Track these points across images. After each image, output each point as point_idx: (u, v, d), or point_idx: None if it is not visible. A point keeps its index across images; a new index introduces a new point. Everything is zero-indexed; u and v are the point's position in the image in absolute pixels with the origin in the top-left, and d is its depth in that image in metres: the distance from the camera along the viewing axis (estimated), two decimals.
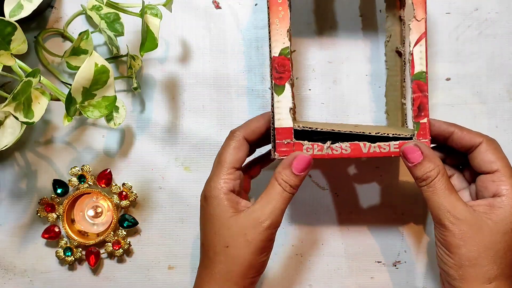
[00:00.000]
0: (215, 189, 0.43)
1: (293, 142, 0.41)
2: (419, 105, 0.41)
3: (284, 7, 0.41)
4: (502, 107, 0.55)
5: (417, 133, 0.41)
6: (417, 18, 0.41)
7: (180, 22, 0.56)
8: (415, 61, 0.41)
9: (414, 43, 0.41)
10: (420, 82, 0.41)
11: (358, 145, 0.41)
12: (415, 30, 0.41)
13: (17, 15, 0.42)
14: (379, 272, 0.55)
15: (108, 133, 0.56)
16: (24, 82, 0.40)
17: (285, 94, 0.41)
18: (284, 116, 0.41)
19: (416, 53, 0.41)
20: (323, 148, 0.41)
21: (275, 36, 0.41)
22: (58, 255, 0.54)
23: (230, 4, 0.55)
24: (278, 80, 0.41)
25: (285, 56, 0.41)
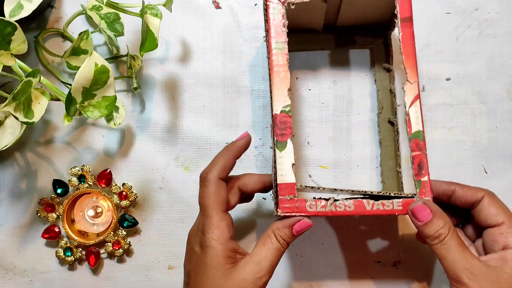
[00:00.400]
0: (212, 240, 0.42)
1: (296, 198, 0.42)
2: (419, 163, 0.42)
3: (285, 69, 0.43)
4: (502, 107, 0.55)
5: (419, 191, 0.42)
6: (410, 81, 0.43)
7: (180, 22, 0.56)
8: (411, 121, 0.43)
9: (409, 104, 0.43)
10: (418, 141, 0.42)
11: (361, 202, 0.41)
12: (409, 92, 0.43)
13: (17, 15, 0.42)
14: (379, 272, 0.55)
15: (108, 133, 0.56)
16: (24, 82, 0.40)
17: (287, 150, 0.42)
18: (287, 172, 0.42)
19: (412, 114, 0.43)
20: (327, 205, 0.42)
21: (277, 95, 0.43)
22: (58, 255, 0.54)
23: (230, 4, 0.55)
24: (280, 137, 0.43)
25: (287, 114, 0.43)
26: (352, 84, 0.55)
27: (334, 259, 0.55)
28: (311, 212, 0.41)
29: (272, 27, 0.44)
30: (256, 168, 0.55)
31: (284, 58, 0.44)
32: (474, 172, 0.55)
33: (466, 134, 0.55)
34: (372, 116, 0.55)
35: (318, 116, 0.55)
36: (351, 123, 0.55)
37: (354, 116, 0.55)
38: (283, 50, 0.44)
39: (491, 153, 0.55)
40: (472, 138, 0.55)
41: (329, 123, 0.55)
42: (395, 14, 0.44)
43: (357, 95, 0.55)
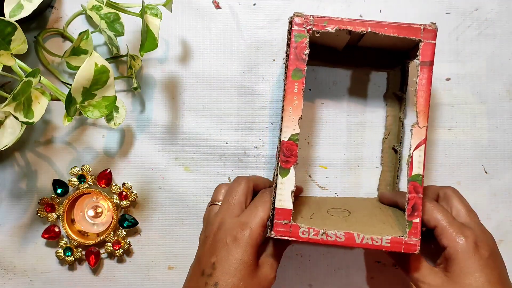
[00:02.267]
0: (252, 239, 0.43)
1: (291, 224, 0.43)
2: (413, 205, 0.43)
3: (299, 97, 0.43)
4: (502, 107, 0.55)
5: (408, 231, 0.43)
6: (419, 125, 0.43)
7: (180, 22, 0.56)
8: (413, 164, 0.43)
9: (414, 147, 0.43)
10: (416, 184, 0.43)
11: (352, 234, 0.42)
12: (416, 136, 0.43)
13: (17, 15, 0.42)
14: (379, 272, 0.55)
15: (108, 133, 0.56)
16: (24, 82, 0.40)
17: (289, 177, 0.43)
18: (286, 198, 0.43)
19: (415, 157, 0.43)
20: (319, 233, 0.43)
21: (287, 122, 0.43)
22: (58, 255, 0.54)
23: (230, 4, 0.55)
24: (285, 163, 0.43)
25: (294, 142, 0.43)
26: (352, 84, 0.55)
27: (334, 259, 0.55)
28: (303, 238, 0.43)
29: (293, 52, 0.43)
30: (256, 168, 0.55)
31: (300, 86, 0.43)
32: (474, 172, 0.55)
33: (466, 134, 0.55)
34: (372, 116, 0.55)
35: (318, 116, 0.55)
36: (351, 123, 0.55)
37: (354, 116, 0.55)
38: (300, 78, 0.43)
39: (491, 153, 0.55)
40: (472, 138, 0.55)
41: (329, 123, 0.55)
42: (417, 47, 0.44)
43: (357, 95, 0.55)
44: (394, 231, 0.44)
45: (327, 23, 0.43)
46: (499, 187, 0.55)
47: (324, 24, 0.43)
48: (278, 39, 0.55)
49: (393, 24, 0.43)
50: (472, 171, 0.55)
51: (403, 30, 0.43)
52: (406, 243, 0.43)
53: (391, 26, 0.43)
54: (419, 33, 0.43)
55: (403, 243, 0.43)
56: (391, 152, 0.54)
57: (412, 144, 0.43)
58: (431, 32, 0.43)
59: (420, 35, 0.43)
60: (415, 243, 0.42)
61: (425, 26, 0.43)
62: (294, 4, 0.55)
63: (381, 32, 0.43)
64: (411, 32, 0.43)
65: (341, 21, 0.43)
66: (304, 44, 0.43)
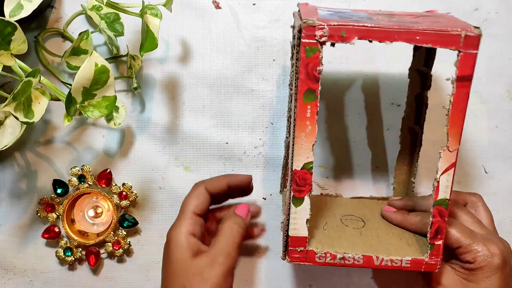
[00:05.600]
0: (174, 233, 0.44)
1: (307, 250, 0.41)
2: (437, 228, 0.40)
3: (312, 122, 0.38)
4: (502, 107, 0.55)
5: (430, 253, 0.41)
6: (449, 149, 0.38)
7: (180, 22, 0.56)
8: (440, 188, 0.39)
9: (442, 171, 0.39)
10: (442, 208, 0.40)
11: (370, 257, 0.41)
12: (445, 159, 0.39)
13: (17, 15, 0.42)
14: (379, 272, 0.55)
15: (108, 133, 0.56)
16: (24, 82, 0.40)
17: (304, 206, 0.40)
18: (300, 226, 0.40)
19: (442, 181, 0.39)
20: (336, 258, 0.41)
21: (300, 150, 0.39)
22: (58, 255, 0.54)
23: (230, 4, 0.55)
24: (298, 193, 0.40)
25: (308, 171, 0.39)
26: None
27: None
28: (320, 263, 0.41)
29: (303, 71, 0.37)
30: (256, 168, 0.55)
31: (314, 110, 0.38)
32: (474, 172, 0.55)
33: (466, 134, 0.55)
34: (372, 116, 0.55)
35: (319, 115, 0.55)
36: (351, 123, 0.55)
37: (354, 115, 0.55)
38: (314, 100, 0.38)
39: (491, 153, 0.55)
40: (472, 138, 0.55)
41: (330, 122, 0.55)
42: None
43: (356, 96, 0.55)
44: (412, 249, 0.42)
45: (345, 33, 0.36)
46: (499, 187, 0.55)
47: (342, 35, 0.36)
48: (278, 39, 0.55)
49: (426, 31, 0.36)
50: (472, 171, 0.55)
51: (440, 39, 0.36)
52: (427, 263, 0.41)
53: (424, 34, 0.36)
54: (459, 41, 0.36)
55: (424, 263, 0.41)
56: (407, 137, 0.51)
57: (440, 168, 0.39)
58: (474, 39, 0.36)
59: (459, 45, 0.36)
60: (436, 263, 0.41)
61: (466, 31, 0.36)
62: (294, 4, 0.55)
63: (412, 43, 0.36)
64: (449, 41, 0.36)
65: (363, 29, 0.36)
66: (317, 60, 0.36)
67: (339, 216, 0.48)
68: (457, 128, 0.38)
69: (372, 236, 0.45)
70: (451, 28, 0.36)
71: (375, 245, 0.43)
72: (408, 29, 0.36)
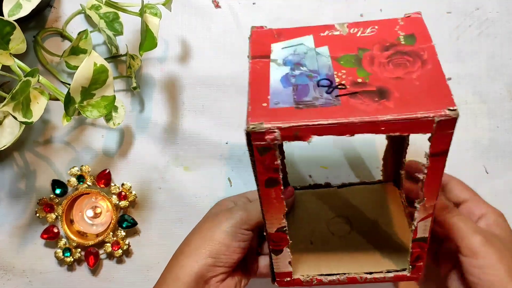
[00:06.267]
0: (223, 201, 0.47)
1: (293, 279, 0.42)
2: (417, 256, 0.41)
3: (279, 200, 0.36)
4: (503, 107, 0.54)
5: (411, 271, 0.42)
6: (426, 204, 0.37)
7: (179, 21, 0.55)
8: (418, 231, 0.38)
9: (419, 220, 0.38)
10: (422, 243, 0.40)
11: (355, 278, 0.42)
12: (422, 211, 0.37)
13: (16, 14, 0.42)
14: None
15: (107, 133, 0.55)
16: (23, 81, 0.40)
17: (284, 253, 0.40)
18: (283, 266, 0.41)
19: (420, 226, 0.38)
20: (322, 281, 0.43)
21: (271, 220, 0.37)
22: (57, 256, 0.54)
23: (230, 3, 0.55)
24: (277, 247, 0.40)
25: (283, 232, 0.38)
26: None
27: None
28: (307, 285, 0.43)
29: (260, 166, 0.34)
30: None
31: (278, 192, 0.35)
32: (475, 172, 0.55)
33: (467, 134, 0.55)
34: None
35: None
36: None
37: None
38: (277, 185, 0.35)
39: (492, 153, 0.55)
40: (472, 138, 0.55)
41: None
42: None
43: None
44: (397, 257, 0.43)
45: (299, 133, 0.31)
46: (500, 187, 0.54)
47: (296, 134, 0.31)
48: None
49: (391, 122, 0.31)
50: (473, 171, 0.55)
51: (408, 127, 0.31)
52: (409, 277, 0.42)
53: (390, 124, 0.31)
54: (431, 127, 0.31)
55: (406, 277, 0.42)
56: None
57: (417, 217, 0.37)
58: (450, 122, 0.31)
59: (432, 129, 0.31)
60: (418, 276, 0.42)
61: (439, 116, 0.30)
62: (294, 3, 0.55)
63: (378, 133, 0.31)
64: (419, 128, 0.31)
65: (319, 127, 0.31)
66: (274, 156, 0.33)
67: (326, 219, 0.49)
68: (433, 195, 0.36)
69: (358, 245, 0.46)
70: (421, 111, 0.31)
71: (361, 258, 0.44)
72: (370, 122, 0.31)
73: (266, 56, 0.37)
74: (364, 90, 0.33)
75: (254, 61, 0.37)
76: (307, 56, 0.37)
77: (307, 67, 0.36)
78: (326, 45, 0.37)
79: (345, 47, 0.37)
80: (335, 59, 0.36)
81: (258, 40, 0.39)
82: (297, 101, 0.33)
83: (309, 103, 0.32)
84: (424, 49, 0.35)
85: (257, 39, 0.39)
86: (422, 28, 0.37)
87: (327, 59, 0.36)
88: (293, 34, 0.39)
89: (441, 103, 0.31)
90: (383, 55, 0.36)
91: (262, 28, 0.40)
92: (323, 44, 0.37)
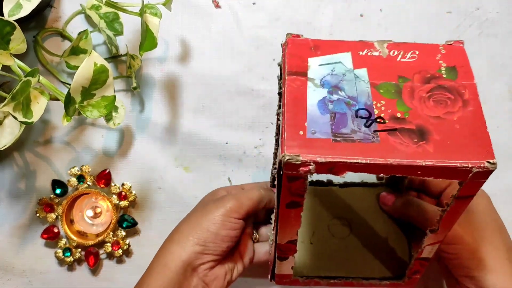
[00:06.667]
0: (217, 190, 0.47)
1: (292, 280, 0.43)
2: (416, 270, 0.42)
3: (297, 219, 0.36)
4: (503, 107, 0.54)
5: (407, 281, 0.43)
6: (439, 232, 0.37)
7: (179, 21, 0.55)
8: (424, 253, 0.39)
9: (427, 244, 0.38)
10: (423, 262, 0.40)
11: (352, 282, 0.44)
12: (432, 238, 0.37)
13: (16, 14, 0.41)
14: None
15: (107, 133, 0.55)
16: (23, 81, 0.40)
17: (289, 260, 0.41)
18: (285, 270, 0.42)
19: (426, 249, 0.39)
20: (320, 283, 0.44)
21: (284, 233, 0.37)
22: (57, 256, 0.54)
23: (230, 3, 0.55)
24: (283, 254, 0.40)
25: (292, 244, 0.39)
26: None
27: None
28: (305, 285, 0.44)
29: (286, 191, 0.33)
30: (256, 168, 0.55)
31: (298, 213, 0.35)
32: None
33: None
34: None
35: None
36: None
37: None
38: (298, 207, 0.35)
39: None
40: None
41: None
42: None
43: None
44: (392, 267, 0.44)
45: (334, 168, 0.31)
46: (500, 187, 0.54)
47: (330, 169, 0.31)
48: (278, 38, 0.55)
49: (430, 167, 0.30)
50: None
51: (444, 173, 0.31)
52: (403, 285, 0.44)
53: (427, 169, 0.30)
54: (466, 176, 0.31)
55: (400, 285, 0.44)
56: None
57: (426, 241, 0.37)
58: (485, 174, 0.31)
59: (467, 178, 0.31)
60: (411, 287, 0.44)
61: (478, 166, 0.30)
62: (294, 3, 0.55)
63: (411, 175, 0.31)
64: (455, 175, 0.31)
65: (355, 165, 0.30)
66: (302, 184, 0.33)
67: (327, 220, 0.49)
68: (449, 226, 0.36)
69: (356, 248, 0.46)
70: (460, 160, 0.30)
71: (359, 261, 0.45)
72: (408, 165, 0.30)
73: (303, 73, 0.35)
74: (404, 127, 0.32)
75: (291, 78, 0.35)
76: (345, 79, 0.35)
77: (346, 92, 0.34)
78: (365, 67, 0.36)
79: (385, 72, 0.35)
80: (375, 86, 0.35)
81: (294, 52, 0.37)
82: (335, 133, 0.32)
83: (347, 137, 0.32)
84: (466, 87, 0.35)
85: (293, 51, 0.37)
86: (464, 60, 0.36)
87: (366, 85, 0.35)
88: (331, 48, 0.37)
89: (480, 153, 0.31)
90: (424, 88, 0.34)
91: (299, 37, 0.38)
92: (362, 65, 0.36)
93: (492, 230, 0.43)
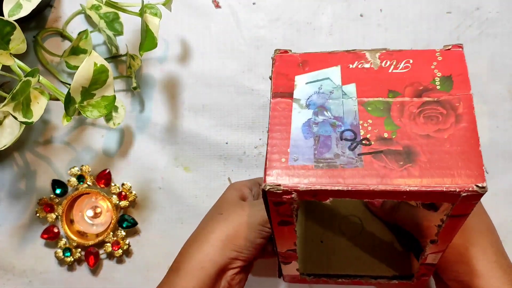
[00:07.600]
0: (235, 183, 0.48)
1: (300, 278, 0.43)
2: (424, 273, 0.41)
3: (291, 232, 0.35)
4: (503, 107, 0.54)
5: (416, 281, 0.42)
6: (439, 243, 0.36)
7: (179, 21, 0.55)
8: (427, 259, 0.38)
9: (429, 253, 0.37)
10: (429, 267, 0.39)
11: (360, 281, 0.43)
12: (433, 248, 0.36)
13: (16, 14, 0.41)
14: None
15: (107, 133, 0.55)
16: (23, 81, 0.40)
17: (292, 264, 0.40)
18: (291, 271, 0.42)
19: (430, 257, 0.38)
20: (328, 282, 0.43)
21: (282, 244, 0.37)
22: (57, 256, 0.54)
23: (230, 3, 0.55)
24: (285, 260, 0.40)
25: (292, 252, 0.38)
26: None
27: None
28: (313, 283, 0.43)
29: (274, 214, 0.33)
30: (257, 168, 0.55)
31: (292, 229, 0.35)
32: None
33: None
34: None
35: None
36: None
37: None
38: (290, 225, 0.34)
39: (492, 153, 0.54)
40: None
41: None
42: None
43: None
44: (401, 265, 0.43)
45: (317, 196, 0.30)
46: (500, 187, 0.54)
47: (314, 195, 0.31)
48: (278, 38, 0.55)
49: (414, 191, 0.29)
50: None
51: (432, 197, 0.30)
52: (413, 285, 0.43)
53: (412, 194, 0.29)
54: (456, 199, 0.29)
55: (410, 285, 0.43)
56: None
57: (428, 250, 0.36)
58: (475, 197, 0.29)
59: (456, 201, 0.30)
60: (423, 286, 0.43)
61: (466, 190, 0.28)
62: (294, 3, 0.55)
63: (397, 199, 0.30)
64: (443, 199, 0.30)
65: (337, 191, 0.30)
66: (289, 207, 0.32)
67: (339, 218, 0.49)
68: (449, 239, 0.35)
69: (366, 246, 0.46)
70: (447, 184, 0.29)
71: (368, 260, 0.44)
72: (392, 191, 0.29)
73: (289, 93, 0.35)
74: (390, 149, 0.31)
75: (275, 100, 0.34)
76: (332, 97, 0.34)
77: (331, 112, 0.33)
78: (354, 82, 0.34)
79: (375, 87, 0.34)
80: (362, 104, 0.33)
81: (281, 70, 0.36)
82: (318, 158, 0.31)
83: (330, 162, 0.31)
84: (460, 99, 0.33)
85: (280, 69, 0.36)
86: (461, 68, 0.35)
87: (354, 102, 0.33)
88: (319, 63, 0.36)
89: (470, 176, 0.29)
90: (414, 104, 0.33)
91: (287, 53, 0.37)
92: (350, 80, 0.35)
93: (479, 232, 0.42)
